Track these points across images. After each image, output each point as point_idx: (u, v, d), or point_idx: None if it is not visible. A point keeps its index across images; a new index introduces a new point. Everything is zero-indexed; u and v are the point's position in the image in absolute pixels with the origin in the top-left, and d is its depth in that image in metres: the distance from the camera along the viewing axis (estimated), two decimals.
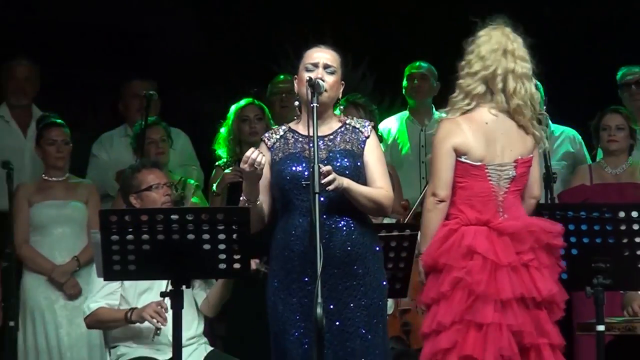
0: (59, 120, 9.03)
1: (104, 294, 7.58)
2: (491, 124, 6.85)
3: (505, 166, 6.88)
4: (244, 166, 6.46)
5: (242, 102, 9.10)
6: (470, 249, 6.75)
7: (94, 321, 7.61)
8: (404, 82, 9.72)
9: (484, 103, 6.89)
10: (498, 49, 6.91)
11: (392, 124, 9.30)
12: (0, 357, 8.73)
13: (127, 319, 7.39)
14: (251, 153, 6.42)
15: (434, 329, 6.74)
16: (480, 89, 6.89)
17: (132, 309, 7.41)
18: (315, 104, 6.44)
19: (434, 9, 10.91)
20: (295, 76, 6.74)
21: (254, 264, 7.28)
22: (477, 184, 6.87)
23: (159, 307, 7.25)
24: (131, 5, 12.57)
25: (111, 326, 7.56)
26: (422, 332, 6.88)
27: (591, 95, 9.75)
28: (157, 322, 7.24)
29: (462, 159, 6.85)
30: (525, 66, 6.90)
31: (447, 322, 6.70)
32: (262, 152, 6.48)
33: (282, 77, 9.67)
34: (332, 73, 6.63)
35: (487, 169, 6.87)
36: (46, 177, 8.97)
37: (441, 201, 6.80)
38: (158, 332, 7.27)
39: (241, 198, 6.64)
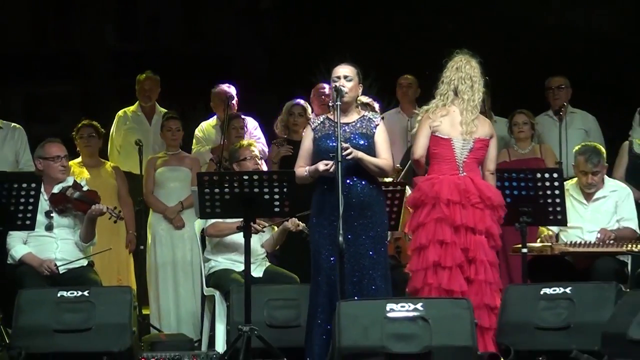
0: (175, 115, 8.96)
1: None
2: (458, 113, 6.91)
3: (466, 141, 6.87)
4: (322, 168, 6.45)
5: (292, 102, 8.96)
6: (438, 193, 6.80)
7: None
8: (397, 89, 9.65)
9: (453, 101, 6.93)
10: (452, 67, 6.98)
11: (389, 116, 9.20)
12: (135, 271, 8.82)
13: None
14: (327, 166, 6.41)
15: (418, 246, 6.83)
16: (451, 92, 6.93)
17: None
18: (338, 103, 6.43)
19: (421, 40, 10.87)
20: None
21: (300, 226, 7.36)
22: (444, 150, 6.89)
23: None
24: (219, 36, 12.63)
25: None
26: (410, 249, 6.94)
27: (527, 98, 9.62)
28: None
29: (436, 134, 6.89)
30: (467, 74, 6.95)
31: (425, 241, 6.79)
32: (331, 163, 6.40)
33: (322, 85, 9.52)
34: (350, 80, 6.59)
35: (452, 141, 6.88)
36: (166, 152, 8.91)
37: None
38: None
39: (304, 173, 6.57)
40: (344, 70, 6.60)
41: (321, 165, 6.44)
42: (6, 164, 8.56)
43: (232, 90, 9.24)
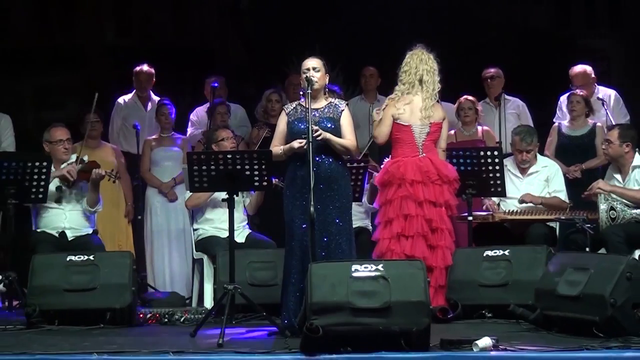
0: (167, 102, 8.90)
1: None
2: (419, 101, 6.93)
3: (424, 126, 6.90)
4: (296, 146, 6.38)
5: (269, 91, 8.96)
6: (403, 174, 6.85)
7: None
8: (361, 78, 9.63)
9: (417, 89, 6.96)
10: (416, 58, 7.00)
11: (353, 102, 9.16)
12: (133, 238, 8.77)
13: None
14: (301, 144, 6.35)
15: (386, 219, 6.89)
16: (416, 82, 6.97)
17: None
18: (309, 91, 6.41)
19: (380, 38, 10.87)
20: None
21: (276, 181, 7.25)
22: (405, 136, 6.91)
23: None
24: (204, 32, 12.61)
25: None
26: (377, 222, 7.00)
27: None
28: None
29: (397, 121, 6.91)
30: (431, 67, 6.99)
31: (393, 216, 6.84)
32: (304, 141, 6.33)
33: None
34: (317, 71, 6.53)
35: (412, 127, 6.91)
36: (160, 134, 8.86)
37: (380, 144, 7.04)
38: None
39: (279, 151, 6.49)
40: (312, 63, 6.55)
41: (295, 144, 6.40)
42: None
43: (221, 80, 9.14)
